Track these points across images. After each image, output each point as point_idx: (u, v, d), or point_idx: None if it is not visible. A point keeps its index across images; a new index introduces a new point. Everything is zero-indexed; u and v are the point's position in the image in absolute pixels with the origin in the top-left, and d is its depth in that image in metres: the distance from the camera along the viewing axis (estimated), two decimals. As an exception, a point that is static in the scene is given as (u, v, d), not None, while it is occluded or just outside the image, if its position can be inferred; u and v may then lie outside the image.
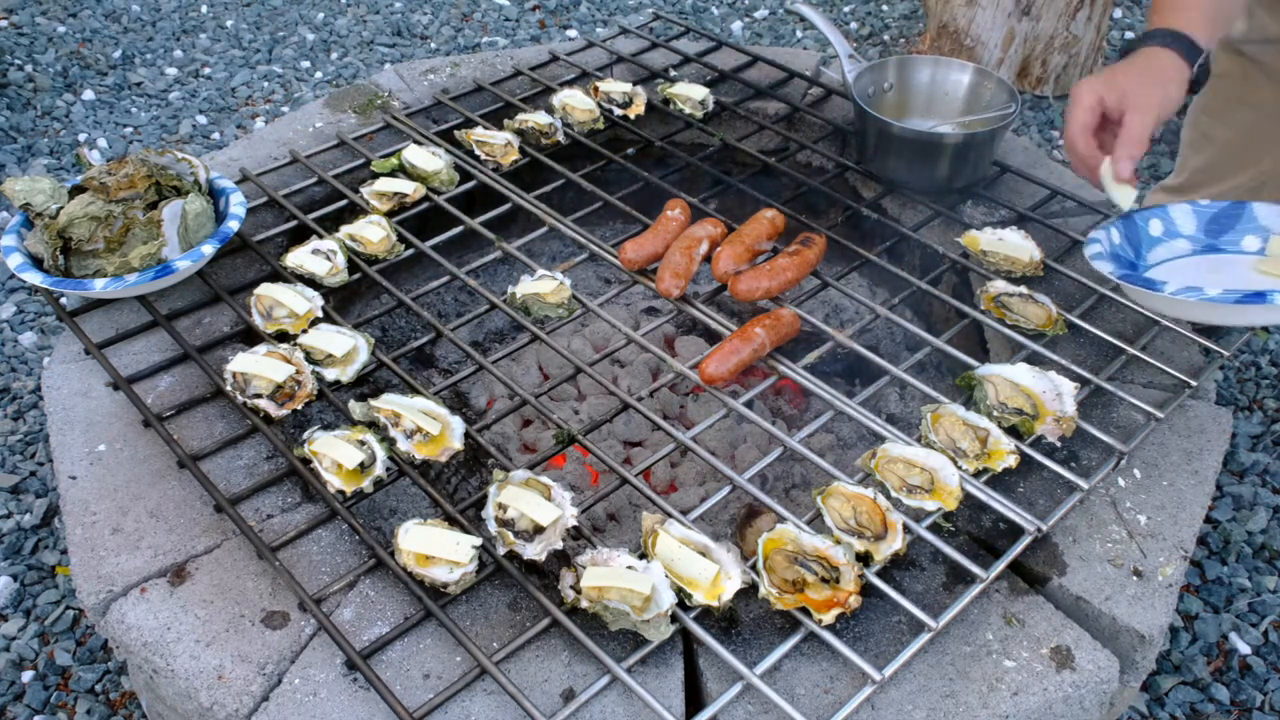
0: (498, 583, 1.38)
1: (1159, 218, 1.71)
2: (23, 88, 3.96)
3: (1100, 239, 1.68)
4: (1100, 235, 1.68)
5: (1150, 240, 1.70)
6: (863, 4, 4.66)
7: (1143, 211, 1.72)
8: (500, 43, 4.39)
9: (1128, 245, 1.68)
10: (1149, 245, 1.70)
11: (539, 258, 2.37)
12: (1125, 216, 1.70)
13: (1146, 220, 1.71)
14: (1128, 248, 1.68)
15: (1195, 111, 2.43)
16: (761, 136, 2.31)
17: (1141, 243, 1.69)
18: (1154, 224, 1.71)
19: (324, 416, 1.82)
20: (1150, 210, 1.72)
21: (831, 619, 1.27)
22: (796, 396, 2.08)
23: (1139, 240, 1.69)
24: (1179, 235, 1.70)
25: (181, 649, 1.29)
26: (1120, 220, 1.71)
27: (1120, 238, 1.68)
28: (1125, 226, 1.70)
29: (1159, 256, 1.70)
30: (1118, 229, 1.70)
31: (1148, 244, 1.70)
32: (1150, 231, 1.70)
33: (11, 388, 2.72)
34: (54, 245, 1.74)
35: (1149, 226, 1.71)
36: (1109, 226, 1.70)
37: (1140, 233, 1.70)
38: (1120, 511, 1.47)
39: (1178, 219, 1.71)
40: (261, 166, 2.12)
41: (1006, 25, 3.81)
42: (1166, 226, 1.71)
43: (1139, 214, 1.71)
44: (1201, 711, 2.03)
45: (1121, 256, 1.67)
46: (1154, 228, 1.70)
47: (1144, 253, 1.68)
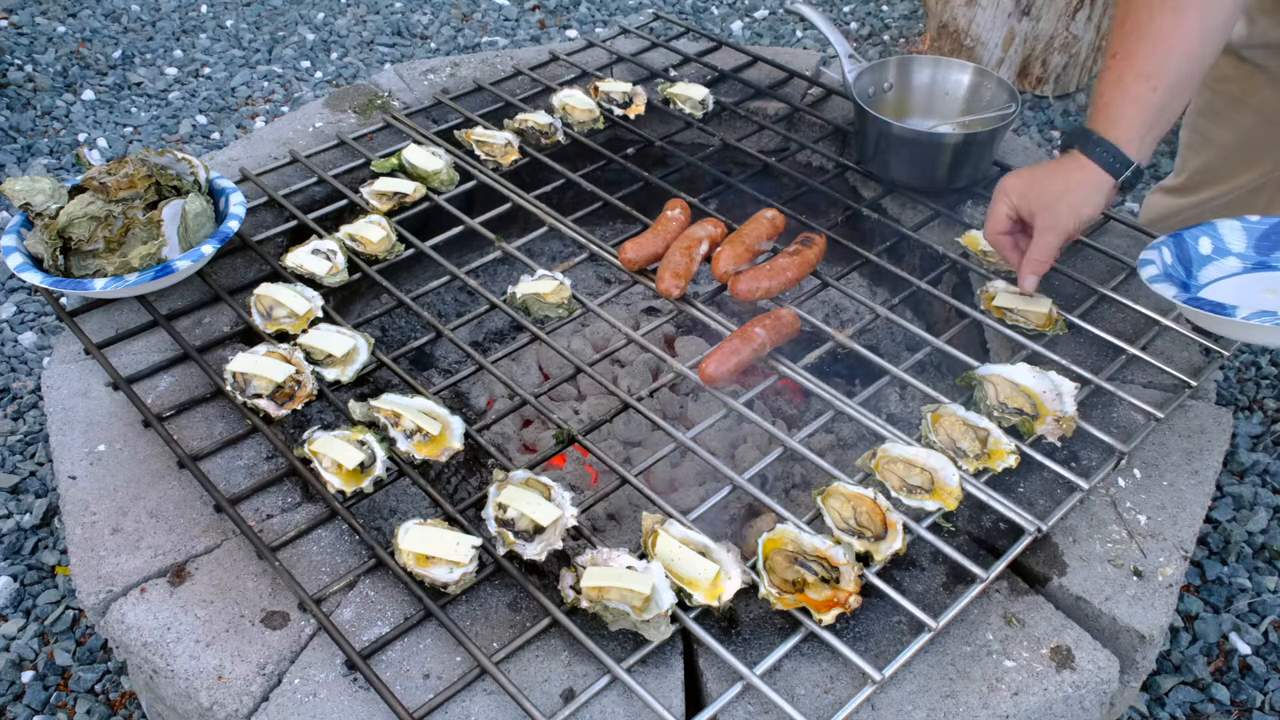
0: (498, 583, 1.38)
1: (1208, 235, 1.66)
2: (23, 87, 3.96)
3: (1153, 259, 1.63)
4: (1153, 255, 1.63)
5: (1201, 259, 1.65)
6: (863, 4, 4.66)
7: (1192, 229, 1.67)
8: (500, 43, 4.39)
9: (1179, 265, 1.64)
10: (1199, 264, 1.65)
11: (539, 258, 2.37)
12: (1175, 234, 1.66)
13: (1196, 238, 1.66)
14: (1179, 268, 1.63)
15: (1193, 114, 2.42)
16: (761, 136, 2.31)
17: (1192, 261, 1.65)
18: (1204, 242, 1.66)
19: (324, 416, 1.82)
20: (1199, 228, 1.68)
21: (831, 619, 1.27)
22: (796, 396, 2.08)
23: (1189, 259, 1.65)
24: (1229, 253, 1.66)
25: (181, 649, 1.29)
26: (1170, 238, 1.66)
27: (1172, 257, 1.64)
28: (1175, 245, 1.66)
29: (1210, 275, 1.65)
30: (1169, 248, 1.65)
31: (1198, 263, 1.65)
32: (1200, 250, 1.66)
33: (11, 388, 2.72)
34: (54, 245, 1.74)
35: (1199, 245, 1.66)
36: (1159, 245, 1.65)
37: (1190, 251, 1.66)
38: (1120, 511, 1.47)
39: (1227, 236, 1.67)
40: (261, 166, 2.12)
41: (1006, 25, 3.81)
42: (1216, 244, 1.66)
43: (1188, 231, 1.67)
44: (1202, 711, 2.03)
45: (1174, 276, 1.62)
46: (1204, 246, 1.66)
47: (1195, 272, 1.63)
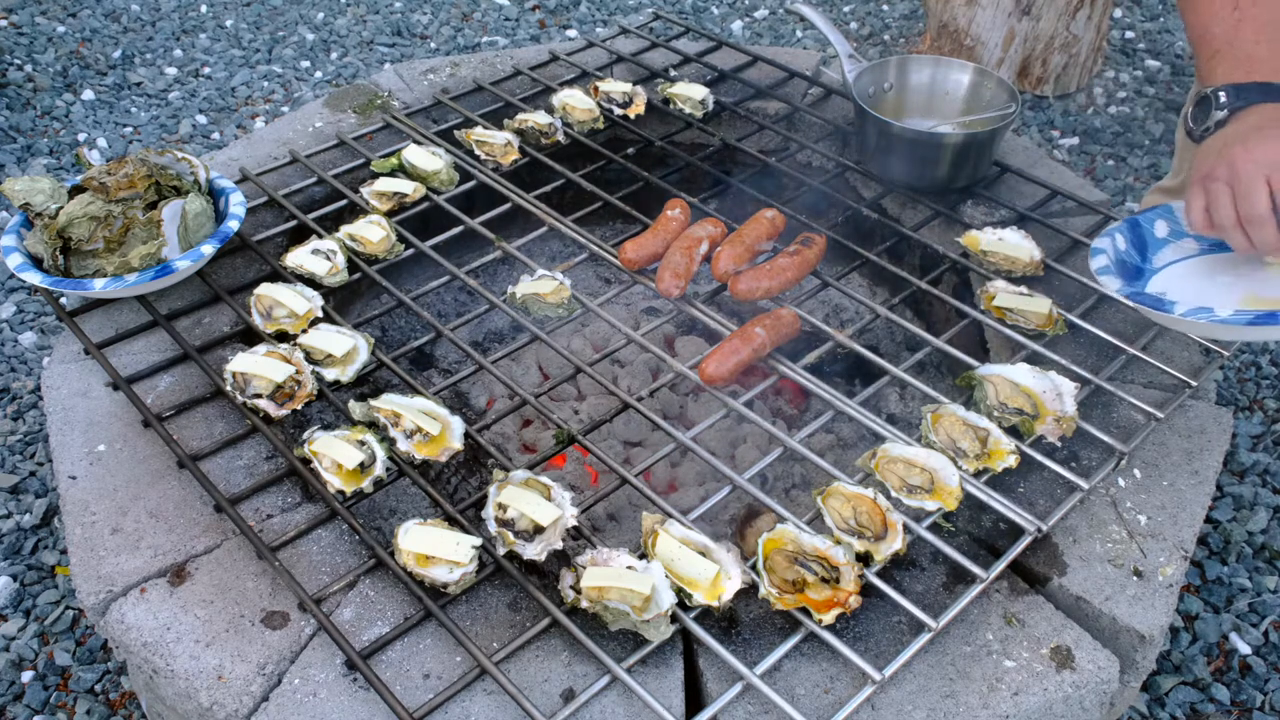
0: (498, 583, 1.38)
1: (1164, 218, 1.65)
2: (22, 87, 3.96)
3: (1105, 248, 1.62)
4: (1104, 244, 1.63)
5: (1156, 242, 1.64)
6: (863, 4, 4.66)
7: (1147, 212, 1.67)
8: (500, 42, 4.39)
9: (1133, 250, 1.63)
10: (1155, 247, 1.64)
11: (539, 258, 2.37)
12: (1130, 219, 1.66)
13: (1151, 222, 1.66)
14: (1134, 252, 1.62)
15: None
16: (761, 136, 2.31)
17: (1147, 245, 1.64)
18: (1159, 225, 1.65)
19: (324, 416, 1.82)
20: (1154, 210, 1.67)
21: (831, 619, 1.27)
22: (796, 396, 2.08)
23: (1144, 243, 1.64)
24: (1185, 235, 1.64)
25: (181, 649, 1.29)
26: (1125, 223, 1.66)
27: (1125, 242, 1.63)
28: (1130, 230, 1.65)
29: (1166, 259, 1.64)
30: (1122, 234, 1.65)
31: (1154, 246, 1.64)
32: (1156, 233, 1.65)
33: (11, 388, 2.72)
34: (53, 245, 1.74)
35: (1154, 228, 1.65)
36: (1113, 232, 1.65)
37: (1146, 235, 1.65)
38: (1120, 511, 1.47)
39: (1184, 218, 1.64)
40: (261, 166, 2.12)
41: (1006, 25, 3.81)
42: (1172, 226, 1.65)
43: (1143, 215, 1.66)
44: (1202, 711, 2.03)
45: (1127, 263, 1.62)
46: (1159, 229, 1.65)
47: (1150, 255, 1.63)
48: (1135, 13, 4.56)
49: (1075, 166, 3.64)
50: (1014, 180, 2.11)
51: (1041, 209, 2.02)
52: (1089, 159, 3.67)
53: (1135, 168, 3.60)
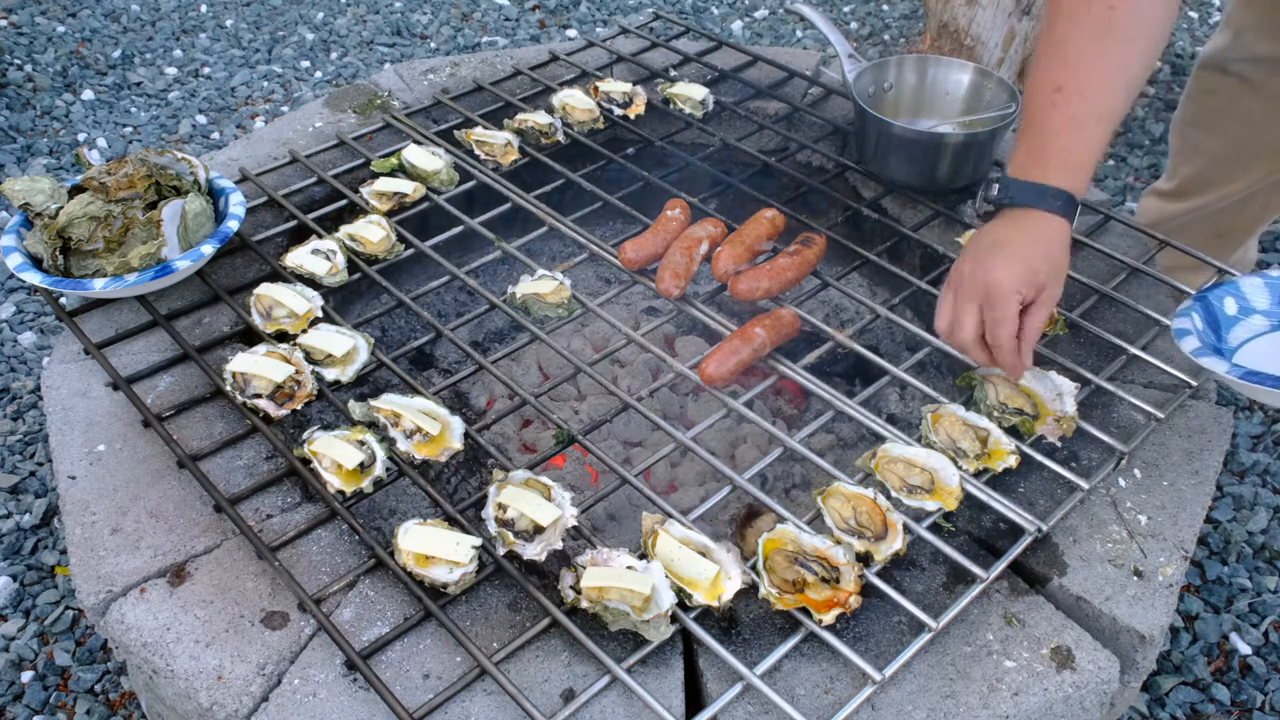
0: (498, 583, 1.38)
1: (1232, 295, 1.62)
2: (22, 87, 3.96)
3: (1188, 327, 1.56)
4: (1185, 324, 1.57)
5: (1228, 320, 1.61)
6: (863, 4, 4.66)
7: (1215, 289, 1.63)
8: (500, 42, 4.39)
9: (1209, 329, 1.58)
10: (1228, 326, 1.60)
11: (539, 258, 2.37)
12: (1199, 296, 1.62)
13: (1221, 299, 1.62)
14: (1210, 332, 1.58)
15: (1182, 123, 2.42)
16: (761, 136, 2.31)
17: (1220, 324, 1.60)
18: (1229, 302, 1.61)
19: (324, 416, 1.82)
20: (1223, 286, 1.63)
21: (831, 619, 1.27)
22: (796, 396, 2.08)
23: (1217, 321, 1.60)
24: (1254, 311, 1.61)
25: (181, 649, 1.29)
26: (1196, 301, 1.61)
27: (1201, 321, 1.58)
28: (1203, 308, 1.61)
29: (1239, 336, 1.60)
30: (1198, 313, 1.60)
31: (1226, 324, 1.60)
32: (1226, 310, 1.61)
33: (11, 388, 2.72)
34: (53, 245, 1.73)
35: (1224, 305, 1.61)
36: (1189, 311, 1.59)
37: (1217, 313, 1.61)
38: (1121, 511, 1.47)
39: (1250, 294, 1.62)
40: (261, 166, 2.12)
41: (1007, 25, 3.81)
42: (1240, 304, 1.61)
43: (1211, 292, 1.62)
44: (1202, 712, 2.02)
45: (1206, 341, 1.57)
46: (1229, 306, 1.61)
47: (1224, 334, 1.59)
48: (1135, 13, 4.55)
49: (1075, 166, 3.62)
50: (1014, 180, 2.10)
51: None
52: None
53: (1135, 168, 3.60)
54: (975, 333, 1.44)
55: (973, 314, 1.43)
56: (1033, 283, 1.41)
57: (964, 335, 1.44)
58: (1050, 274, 1.43)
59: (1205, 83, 2.29)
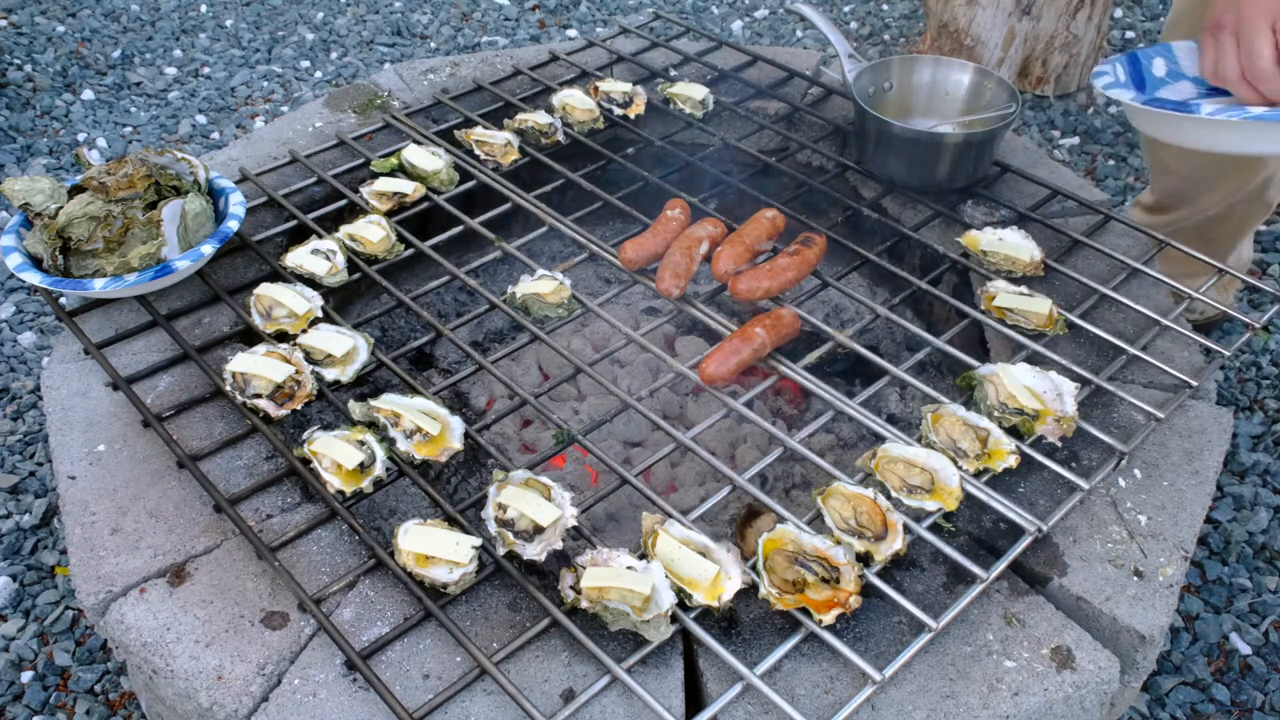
0: (497, 583, 1.38)
1: (1163, 57, 1.54)
2: (22, 87, 3.96)
3: (1108, 70, 1.50)
4: (1107, 68, 1.51)
5: (1155, 81, 1.53)
6: (863, 3, 4.66)
7: (1146, 50, 1.55)
8: (500, 42, 4.39)
9: (1132, 85, 1.51)
10: (1153, 86, 1.52)
11: (539, 258, 2.37)
12: (1129, 54, 1.54)
13: (1150, 58, 1.54)
14: (1131, 87, 1.51)
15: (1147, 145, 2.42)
16: (761, 136, 2.31)
17: (1145, 83, 1.52)
18: (1158, 63, 1.54)
19: (324, 416, 1.82)
20: (1154, 48, 1.55)
21: (832, 619, 1.27)
22: (796, 396, 2.08)
23: (1142, 79, 1.52)
24: (1183, 76, 1.53)
25: (181, 649, 1.29)
26: (1125, 56, 1.54)
27: (1125, 74, 1.52)
28: (1130, 63, 1.54)
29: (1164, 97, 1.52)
30: (1122, 65, 1.53)
31: (1151, 85, 1.52)
32: (1155, 72, 1.54)
33: (11, 388, 2.72)
34: (53, 245, 1.73)
35: (1153, 66, 1.54)
36: (1114, 61, 1.53)
37: (1145, 72, 1.53)
38: (1121, 512, 1.47)
39: (1182, 58, 1.54)
40: (261, 166, 2.12)
41: (1007, 25, 3.81)
42: (1170, 67, 1.54)
43: (1142, 51, 1.54)
44: (1202, 712, 2.02)
45: None
46: (1158, 67, 1.54)
47: (1148, 93, 1.51)
48: (1135, 13, 4.56)
49: (1076, 166, 3.64)
50: (1014, 180, 2.11)
51: (1042, 209, 2.02)
52: (1089, 159, 3.67)
53: (1136, 167, 3.60)
54: (1238, 69, 1.36)
55: (1231, 49, 1.36)
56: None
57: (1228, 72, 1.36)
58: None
59: None
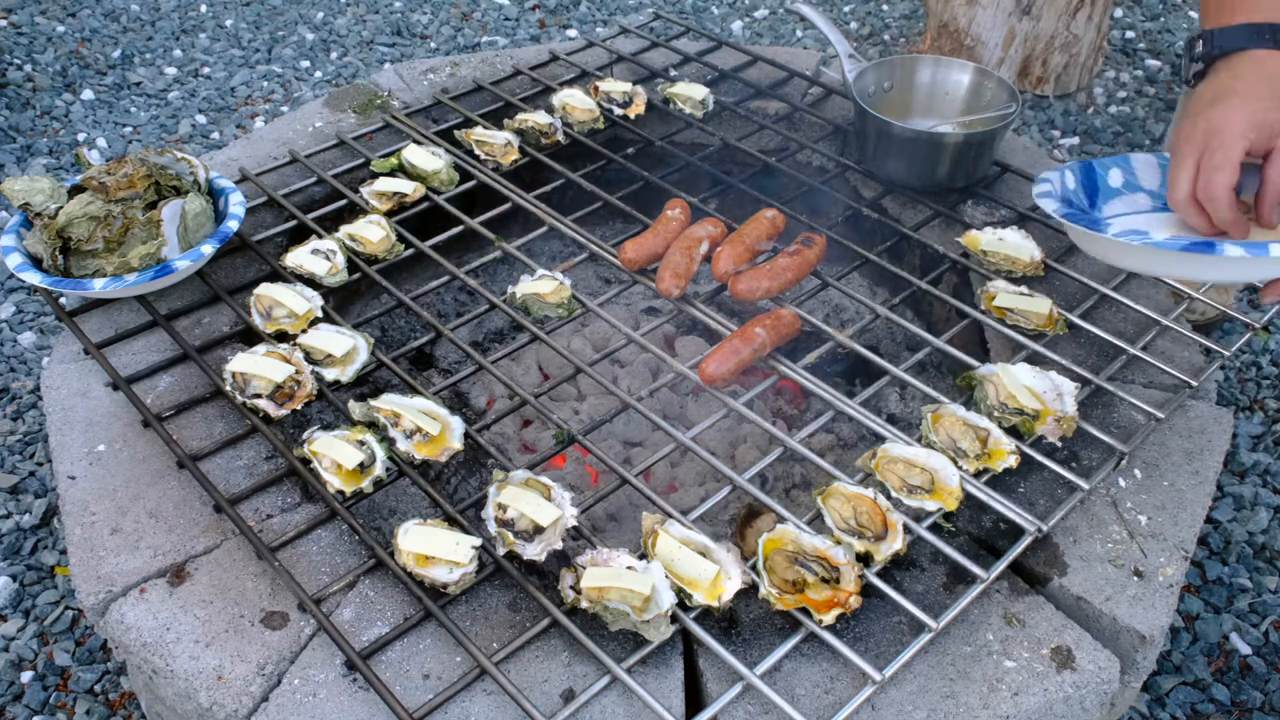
0: (497, 583, 1.38)
1: (1120, 168, 1.51)
2: (22, 87, 3.96)
3: (1051, 179, 1.47)
4: (1052, 176, 1.48)
5: (1109, 191, 1.50)
6: (863, 3, 4.66)
7: (1104, 160, 1.52)
8: (500, 42, 4.39)
9: (1082, 193, 1.48)
10: (1106, 196, 1.49)
11: (539, 258, 2.37)
12: (1084, 162, 1.52)
13: (1107, 169, 1.51)
14: (1081, 195, 1.48)
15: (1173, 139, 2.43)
16: (761, 136, 2.31)
17: (1098, 192, 1.49)
18: (1114, 174, 1.51)
19: (323, 416, 1.82)
20: (1112, 159, 1.53)
21: (832, 619, 1.27)
22: (796, 396, 2.08)
23: (1095, 189, 1.49)
24: (1140, 189, 1.50)
25: (181, 649, 1.29)
26: (1078, 164, 1.52)
27: (1075, 182, 1.49)
28: (1083, 173, 1.51)
29: (1116, 210, 1.49)
30: (1074, 173, 1.51)
31: (1105, 194, 1.50)
32: (1110, 182, 1.50)
33: (11, 388, 2.72)
34: (53, 245, 1.73)
35: (1109, 176, 1.51)
36: (1064, 169, 1.51)
37: (1099, 181, 1.50)
38: (1121, 512, 1.47)
39: (1140, 171, 1.51)
40: (261, 166, 2.12)
41: (1007, 25, 3.81)
42: (1127, 178, 1.51)
43: (1099, 160, 1.52)
44: (1202, 712, 2.02)
45: (1074, 203, 1.47)
46: (1114, 178, 1.51)
47: (1099, 203, 1.48)
48: (1135, 13, 4.56)
49: (1075, 166, 3.63)
50: (1014, 180, 2.11)
51: (1041, 209, 2.02)
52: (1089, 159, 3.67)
53: (1135, 168, 3.60)
54: (1190, 190, 1.31)
55: (1189, 169, 1.31)
56: (1264, 125, 1.27)
57: (1177, 194, 1.31)
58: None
59: None
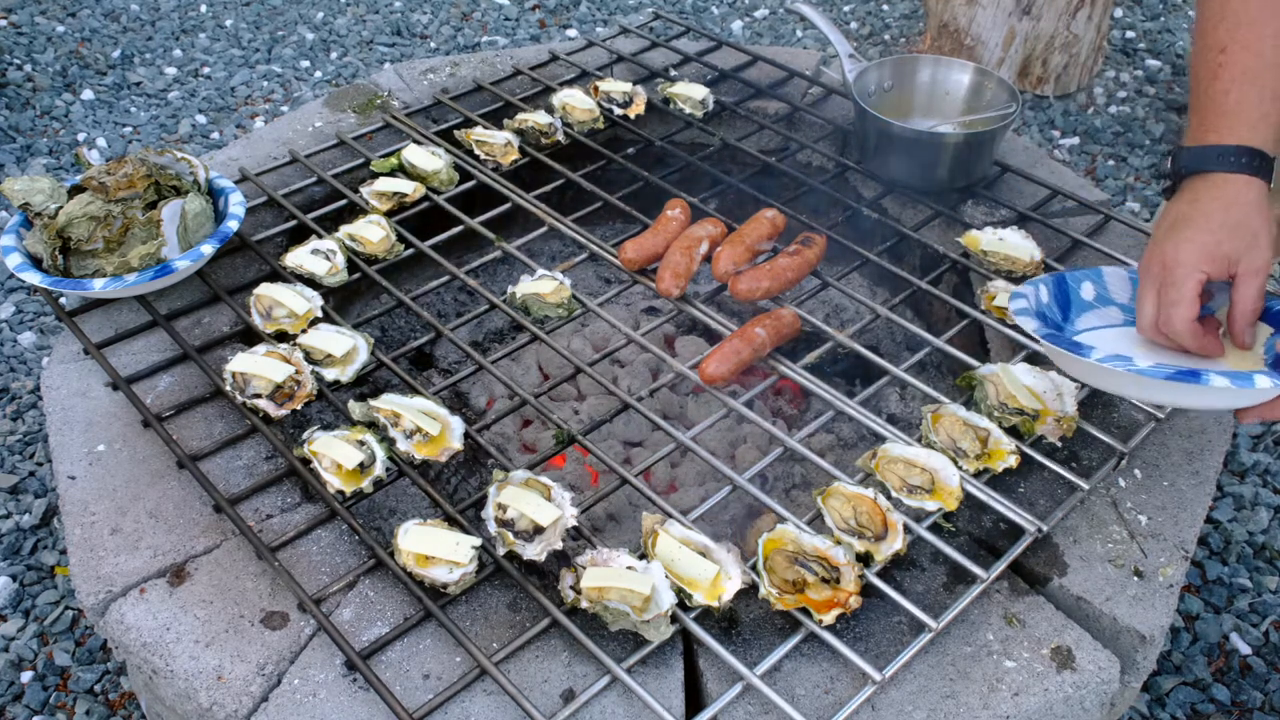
0: (497, 583, 1.38)
1: (1092, 281, 1.53)
2: (22, 87, 3.96)
3: (1026, 294, 1.49)
4: (1027, 291, 1.49)
5: (1081, 304, 1.51)
6: (863, 3, 4.66)
7: (1075, 272, 1.54)
8: (500, 42, 4.39)
9: (1055, 306, 1.49)
10: (1079, 309, 1.51)
11: (539, 257, 2.37)
12: (1056, 275, 1.54)
13: (1079, 282, 1.53)
14: (1055, 309, 1.49)
15: None
16: (761, 136, 2.31)
17: (1071, 305, 1.50)
18: (1086, 287, 1.52)
19: (323, 416, 1.82)
20: (1084, 271, 1.54)
21: (832, 619, 1.27)
22: (796, 396, 2.08)
23: (1068, 302, 1.51)
24: (1112, 302, 1.51)
25: (181, 649, 1.29)
26: (1051, 278, 1.54)
27: (1049, 296, 1.50)
28: (1056, 285, 1.53)
29: (1089, 323, 1.50)
30: (1047, 286, 1.52)
31: (1078, 308, 1.51)
32: (1082, 295, 1.52)
33: (11, 388, 2.72)
34: (53, 245, 1.73)
35: (1081, 289, 1.52)
36: (1038, 283, 1.52)
37: (1071, 294, 1.52)
38: (1121, 512, 1.47)
39: (1112, 284, 1.53)
40: (261, 166, 2.12)
41: (1007, 25, 3.81)
42: (1099, 291, 1.52)
43: (1070, 274, 1.54)
44: (1202, 712, 2.02)
45: (1048, 317, 1.49)
46: (1086, 291, 1.52)
47: (1072, 317, 1.49)
48: (1136, 12, 4.56)
49: (1076, 166, 3.64)
50: (1014, 180, 2.11)
51: (1042, 209, 2.02)
52: (1089, 159, 3.67)
53: (1136, 167, 3.60)
54: (1153, 319, 1.31)
55: (1151, 299, 1.32)
56: (1217, 256, 1.27)
57: (1143, 321, 1.32)
58: (1243, 243, 1.27)
59: None
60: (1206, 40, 1.36)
